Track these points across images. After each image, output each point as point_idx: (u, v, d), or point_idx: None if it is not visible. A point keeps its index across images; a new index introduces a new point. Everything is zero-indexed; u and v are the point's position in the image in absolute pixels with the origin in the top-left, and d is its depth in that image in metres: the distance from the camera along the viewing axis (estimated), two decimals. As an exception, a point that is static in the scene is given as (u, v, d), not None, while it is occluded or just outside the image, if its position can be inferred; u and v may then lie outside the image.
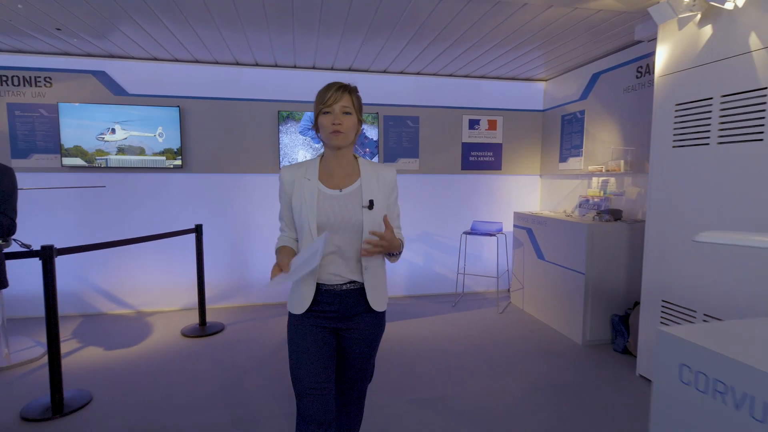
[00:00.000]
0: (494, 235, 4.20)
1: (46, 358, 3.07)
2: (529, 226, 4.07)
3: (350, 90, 1.38)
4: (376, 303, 1.43)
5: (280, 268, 1.28)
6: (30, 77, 3.73)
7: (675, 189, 2.53)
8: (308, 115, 4.20)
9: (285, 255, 1.35)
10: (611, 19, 2.96)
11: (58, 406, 2.37)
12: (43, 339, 3.37)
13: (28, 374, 2.83)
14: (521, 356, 3.11)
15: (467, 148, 4.65)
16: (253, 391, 2.57)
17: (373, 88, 4.34)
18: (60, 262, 2.55)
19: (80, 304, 3.99)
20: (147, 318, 3.96)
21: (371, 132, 4.36)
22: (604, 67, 3.76)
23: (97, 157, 3.81)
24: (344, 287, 1.40)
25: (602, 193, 3.61)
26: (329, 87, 1.35)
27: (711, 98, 2.29)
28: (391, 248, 1.32)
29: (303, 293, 1.38)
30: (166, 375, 2.81)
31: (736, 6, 2.10)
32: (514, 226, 4.33)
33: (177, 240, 3.98)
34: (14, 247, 2.88)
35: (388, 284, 4.68)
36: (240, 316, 4.00)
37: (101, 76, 3.85)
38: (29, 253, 2.34)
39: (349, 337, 1.45)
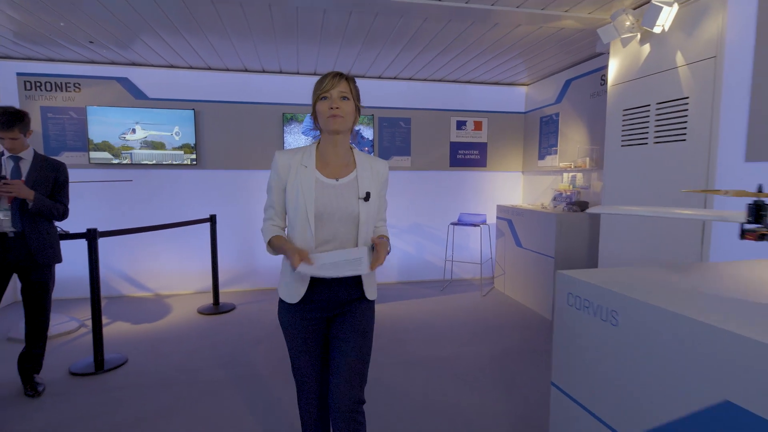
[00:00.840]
0: (479, 226, 4.64)
1: (81, 330, 3.52)
2: (509, 218, 4.52)
3: (348, 78, 1.37)
4: (369, 291, 1.46)
5: (301, 257, 1.27)
6: (61, 83, 4.16)
7: (622, 182, 2.97)
8: (308, 117, 4.64)
9: (288, 244, 1.36)
10: (574, 35, 3.40)
11: (99, 364, 2.81)
12: (77, 315, 3.81)
13: (68, 343, 3.27)
14: (496, 328, 3.56)
15: (455, 146, 5.10)
16: (257, 358, 3.02)
17: (369, 92, 4.78)
18: (83, 248, 2.97)
19: (104, 288, 4.42)
20: (165, 300, 4.41)
21: (367, 132, 4.80)
22: (574, 74, 4.21)
23: (122, 151, 4.25)
24: (337, 277, 1.38)
25: (571, 187, 4.06)
26: (326, 75, 1.35)
27: (649, 105, 2.74)
28: (382, 260, 1.35)
29: (296, 284, 1.38)
30: (187, 343, 3.26)
31: (664, 29, 2.54)
32: (497, 217, 4.77)
33: (191, 230, 4.42)
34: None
35: (382, 271, 5.14)
36: (249, 299, 4.44)
37: (124, 82, 4.29)
38: (77, 235, 2.78)
39: (342, 323, 1.45)
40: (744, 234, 1.09)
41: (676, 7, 2.46)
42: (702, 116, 2.40)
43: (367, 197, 1.38)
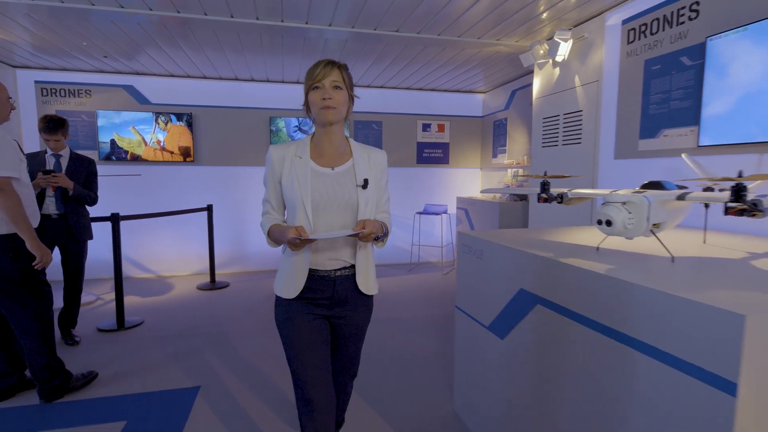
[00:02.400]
0: (440, 215, 5.39)
1: (98, 302, 4.14)
2: (466, 207, 5.27)
3: (340, 65, 1.33)
4: (368, 287, 1.42)
5: (298, 231, 1.23)
6: (74, 90, 4.75)
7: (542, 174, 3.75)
8: (292, 120, 5.31)
9: (284, 227, 1.32)
10: (511, 55, 4.16)
11: (121, 323, 3.46)
12: (93, 291, 4.42)
13: (91, 311, 3.89)
14: (450, 297, 4.32)
15: (421, 146, 5.84)
16: (248, 319, 3.71)
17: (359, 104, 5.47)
18: (97, 235, 3.55)
19: (112, 270, 5.03)
20: (167, 280, 5.04)
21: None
22: (518, 86, 4.98)
23: (128, 150, 4.86)
24: (338, 272, 1.37)
25: (515, 180, 4.84)
26: (318, 63, 1.31)
27: (558, 115, 3.52)
28: (373, 233, 1.28)
29: (294, 278, 1.34)
30: (190, 310, 3.92)
31: (565, 58, 3.32)
32: (457, 207, 5.53)
33: (188, 218, 5.05)
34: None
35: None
36: (241, 278, 5.11)
37: (130, 89, 4.90)
38: (103, 218, 3.41)
39: (341, 324, 1.43)
40: (727, 210, 1.22)
41: (571, 42, 3.24)
42: (590, 125, 3.18)
43: (365, 184, 1.35)
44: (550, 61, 3.52)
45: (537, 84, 3.81)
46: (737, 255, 1.53)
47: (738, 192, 1.19)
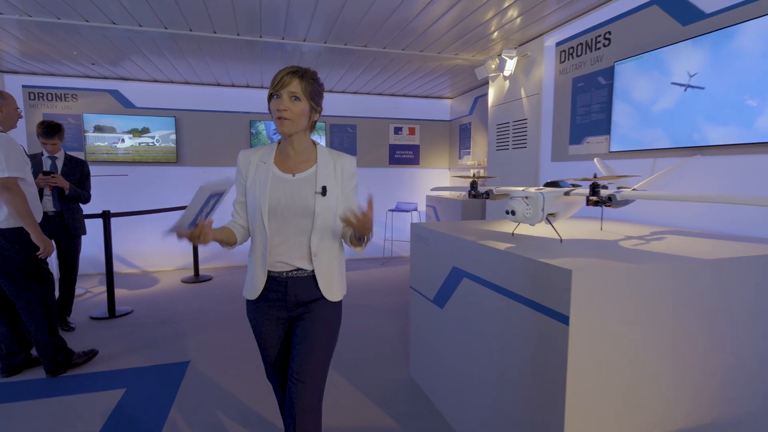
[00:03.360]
0: (411, 212, 5.81)
1: (87, 295, 4.41)
2: (434, 205, 5.71)
3: (302, 75, 1.31)
4: (329, 291, 1.42)
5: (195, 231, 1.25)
6: (61, 94, 4.98)
7: (497, 174, 4.21)
8: (271, 124, 5.65)
9: (219, 231, 1.38)
10: (469, 68, 4.61)
11: (112, 312, 3.76)
12: (81, 285, 4.67)
13: (81, 302, 4.16)
14: (416, 286, 4.75)
15: (393, 148, 6.26)
16: (230, 307, 4.06)
17: (332, 107, 5.83)
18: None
19: (98, 265, 5.27)
20: (152, 274, 5.32)
21: (320, 139, 5.87)
22: (480, 93, 5.45)
23: (115, 152, 5.12)
24: (290, 275, 1.38)
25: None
26: (281, 71, 1.31)
27: (509, 122, 3.98)
28: (365, 229, 1.28)
29: (255, 280, 1.40)
30: (176, 300, 4.24)
31: (512, 73, 3.78)
32: (426, 205, 5.97)
33: (172, 216, 5.32)
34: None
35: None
36: (223, 272, 5.42)
37: (115, 93, 5.15)
38: (94, 215, 3.70)
39: (303, 320, 1.42)
40: (588, 202, 1.69)
41: (516, 59, 3.70)
42: (533, 132, 3.65)
43: (323, 192, 1.35)
44: (501, 74, 3.98)
45: (491, 94, 4.27)
46: (613, 237, 1.99)
47: (593, 189, 1.63)
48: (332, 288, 1.44)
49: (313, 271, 1.40)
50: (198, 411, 2.25)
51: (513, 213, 1.79)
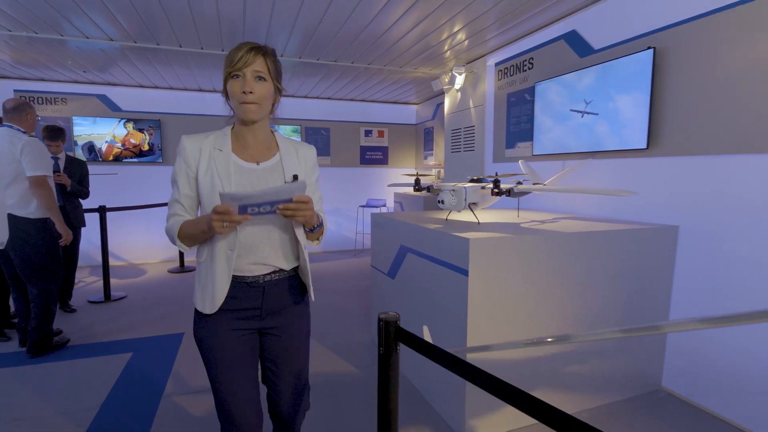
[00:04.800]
0: (380, 208, 6.39)
1: (81, 284, 4.79)
2: (401, 201, 6.31)
3: (265, 52, 1.16)
4: (308, 290, 1.33)
5: (220, 211, 1.02)
6: (51, 98, 5.32)
7: (452, 174, 4.84)
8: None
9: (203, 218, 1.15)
10: (427, 80, 5.21)
11: (108, 297, 4.18)
12: (72, 275, 5.04)
13: (77, 290, 4.55)
14: (383, 273, 5.34)
15: (364, 149, 6.82)
16: (223, 289, 4.53)
17: (298, 109, 6.35)
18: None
19: (87, 258, 5.64)
20: (139, 266, 5.71)
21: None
22: (440, 101, 6.08)
23: (103, 150, 5.49)
24: (267, 278, 1.22)
25: (437, 178, 5.93)
26: (240, 47, 1.13)
27: (461, 128, 4.61)
28: (310, 219, 1.14)
29: (214, 288, 1.18)
30: (165, 287, 4.68)
31: (462, 86, 4.41)
32: (394, 201, 6.56)
33: (156, 212, 5.74)
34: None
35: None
36: (206, 263, 5.86)
37: (103, 97, 5.52)
38: (92, 210, 4.12)
39: (278, 337, 1.28)
40: (492, 193, 2.30)
41: (464, 75, 4.33)
42: (480, 137, 4.28)
43: (294, 179, 1.22)
44: (453, 87, 4.60)
45: (446, 103, 4.90)
46: (520, 221, 2.62)
47: (495, 184, 2.25)
48: (309, 286, 1.33)
49: (294, 270, 1.28)
50: (196, 366, 2.76)
51: (443, 202, 2.39)
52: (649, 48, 2.42)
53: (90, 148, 5.51)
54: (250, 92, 1.14)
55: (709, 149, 2.20)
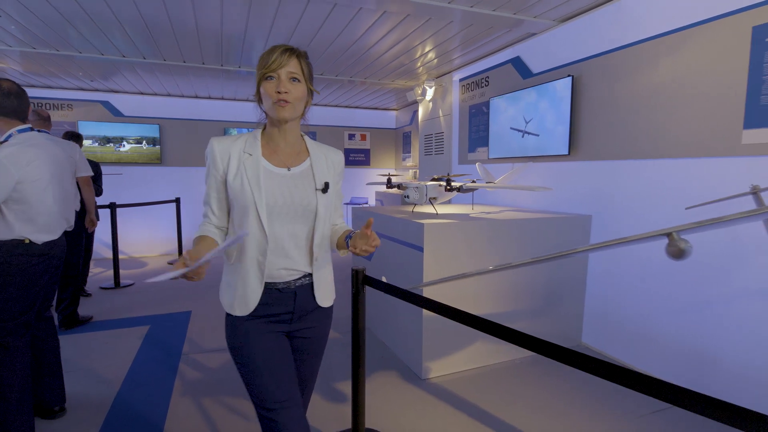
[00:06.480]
0: (362, 205, 6.99)
1: (91, 272, 5.27)
2: (381, 198, 6.92)
3: (299, 54, 1.16)
4: (324, 297, 1.31)
5: (184, 261, 1.00)
6: (58, 104, 5.77)
7: (425, 174, 5.47)
8: (243, 131, 6.65)
9: (204, 246, 1.14)
10: (403, 91, 5.84)
11: (117, 283, 4.69)
12: (80, 267, 5.51)
13: (90, 277, 5.04)
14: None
15: (348, 151, 7.42)
16: (216, 279, 5.07)
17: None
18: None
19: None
20: (139, 259, 6.20)
21: (285, 141, 6.93)
22: (416, 107, 6.70)
23: (111, 149, 5.96)
24: (298, 283, 1.23)
25: (415, 178, 6.56)
26: (274, 49, 1.14)
27: (432, 134, 5.24)
28: (372, 248, 1.17)
29: (246, 293, 1.19)
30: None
31: (433, 98, 5.04)
32: (375, 199, 7.17)
33: (157, 208, 6.23)
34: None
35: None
36: (202, 256, 6.37)
37: (106, 104, 5.99)
38: (104, 206, 4.62)
39: (303, 339, 1.30)
40: (445, 189, 3.09)
41: (434, 88, 4.97)
42: (447, 142, 4.92)
43: (325, 188, 1.22)
44: (426, 98, 5.24)
45: (420, 112, 5.53)
46: (472, 213, 3.25)
47: (448, 182, 2.87)
48: (328, 293, 1.34)
49: (310, 275, 1.27)
50: (206, 333, 3.32)
51: (408, 197, 3.01)
52: (569, 75, 3.08)
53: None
54: (285, 92, 1.13)
55: (612, 155, 2.87)
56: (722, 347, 2.27)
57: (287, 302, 1.23)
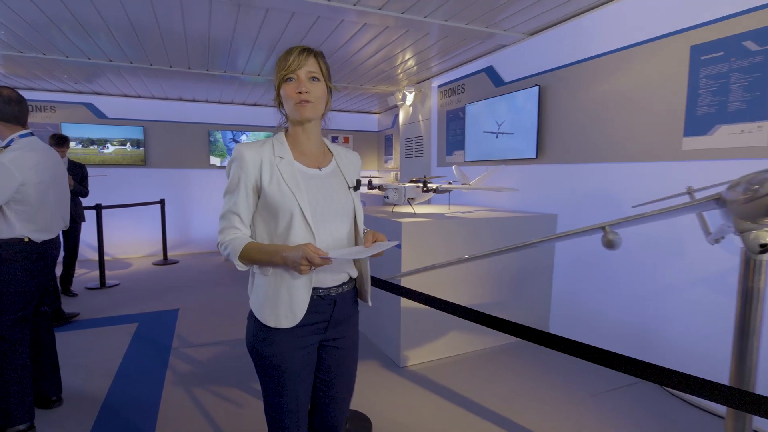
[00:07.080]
0: (346, 206, 7.17)
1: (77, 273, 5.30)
2: (365, 200, 7.11)
3: (316, 53, 1.17)
4: (369, 295, 1.32)
5: (309, 255, 1.03)
6: (41, 106, 5.78)
7: (405, 176, 5.68)
8: (227, 133, 6.75)
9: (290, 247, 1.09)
10: (384, 96, 6.04)
11: (103, 284, 4.76)
12: (63, 268, 5.54)
13: (75, 278, 5.08)
14: (348, 262, 6.12)
15: (331, 154, 7.57)
16: (200, 281, 5.19)
17: (271, 116, 7.02)
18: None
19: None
20: (123, 260, 6.24)
21: (270, 143, 7.06)
22: (398, 111, 6.92)
23: (95, 151, 5.99)
24: (339, 289, 1.22)
25: (396, 180, 6.77)
26: (291, 50, 1.14)
27: (412, 137, 5.46)
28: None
29: (292, 301, 1.13)
30: (153, 276, 5.28)
31: (413, 102, 5.26)
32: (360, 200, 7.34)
33: (141, 210, 6.27)
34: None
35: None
36: (188, 258, 6.45)
37: (89, 106, 6.02)
38: (90, 207, 4.68)
39: (336, 347, 1.26)
40: (422, 190, 3.35)
41: (414, 93, 5.19)
42: (427, 145, 5.15)
43: (357, 186, 1.23)
44: (406, 103, 5.46)
45: (401, 116, 5.75)
46: (448, 212, 3.46)
47: (424, 183, 3.09)
48: (368, 292, 1.33)
49: (353, 279, 1.27)
50: (194, 330, 3.45)
51: (387, 198, 3.21)
52: (536, 85, 3.34)
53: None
54: (306, 92, 1.14)
55: (575, 159, 3.12)
56: (667, 328, 2.54)
57: (326, 310, 1.20)
